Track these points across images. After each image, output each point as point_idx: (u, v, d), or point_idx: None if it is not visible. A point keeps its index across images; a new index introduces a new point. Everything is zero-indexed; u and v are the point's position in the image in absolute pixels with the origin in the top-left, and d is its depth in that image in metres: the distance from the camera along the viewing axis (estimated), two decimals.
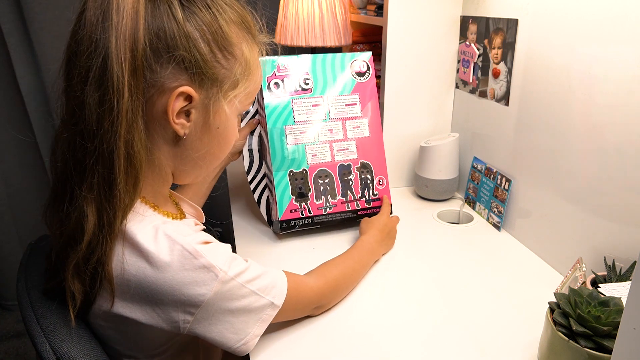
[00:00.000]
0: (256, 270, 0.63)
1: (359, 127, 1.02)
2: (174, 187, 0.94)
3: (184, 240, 0.56)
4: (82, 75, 0.53)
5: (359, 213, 1.02)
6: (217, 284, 0.56)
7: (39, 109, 1.66)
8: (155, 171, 0.62)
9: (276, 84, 0.97)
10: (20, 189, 1.80)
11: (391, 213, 1.03)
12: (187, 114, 0.59)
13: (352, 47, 1.42)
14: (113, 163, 0.53)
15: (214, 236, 0.64)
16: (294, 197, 0.98)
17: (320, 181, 0.99)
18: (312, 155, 0.99)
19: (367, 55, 1.03)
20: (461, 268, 0.90)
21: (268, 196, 1.02)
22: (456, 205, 1.16)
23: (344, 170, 1.01)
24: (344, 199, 1.01)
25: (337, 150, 1.01)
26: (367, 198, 1.03)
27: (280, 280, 0.66)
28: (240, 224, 1.07)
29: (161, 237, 0.56)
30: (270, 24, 0.69)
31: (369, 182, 1.03)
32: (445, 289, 0.83)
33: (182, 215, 0.69)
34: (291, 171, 0.98)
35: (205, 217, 0.80)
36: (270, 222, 1.04)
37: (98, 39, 0.52)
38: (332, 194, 1.00)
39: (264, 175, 1.03)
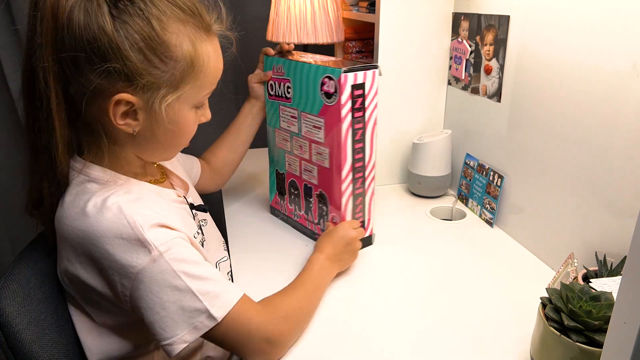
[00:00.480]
0: (207, 272, 0.62)
1: (321, 154, 0.88)
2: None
3: (130, 211, 0.59)
4: (24, 76, 0.59)
5: (315, 236, 0.97)
6: (148, 260, 0.58)
7: None
8: (120, 156, 0.66)
9: (271, 85, 0.95)
10: (11, 189, 1.78)
11: (363, 226, 0.93)
12: (134, 114, 0.61)
13: (345, 44, 1.42)
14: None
15: (197, 223, 0.66)
16: (277, 192, 1.03)
17: (292, 190, 1.00)
18: (288, 164, 0.99)
19: (338, 73, 0.79)
20: (454, 264, 0.90)
21: None
22: (449, 201, 1.16)
23: (307, 190, 0.96)
24: (306, 216, 0.99)
25: (304, 170, 0.95)
26: (322, 227, 0.95)
27: (230, 295, 0.62)
28: (236, 219, 1.07)
29: (109, 204, 0.60)
30: (236, 9, 0.68)
31: (324, 213, 0.94)
32: (438, 285, 0.84)
33: (163, 178, 0.77)
34: (277, 170, 1.02)
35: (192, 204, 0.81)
36: None
37: (31, 46, 0.56)
38: (299, 207, 1.00)
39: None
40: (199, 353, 0.79)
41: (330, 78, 0.81)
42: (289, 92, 0.91)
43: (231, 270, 0.89)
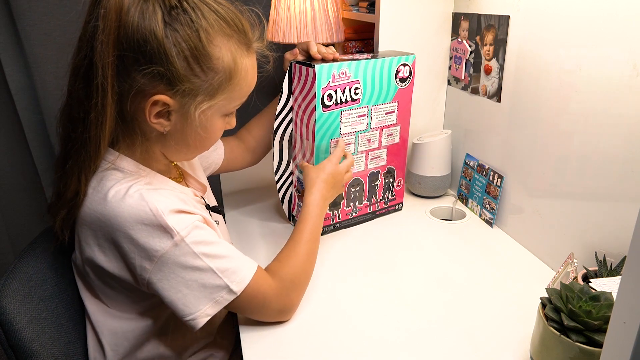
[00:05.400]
0: (223, 250, 0.66)
1: (392, 134, 1.02)
2: None
3: (151, 199, 0.61)
4: (75, 71, 0.61)
5: (377, 213, 1.09)
6: (170, 244, 0.61)
7: (29, 107, 1.64)
8: (149, 151, 0.69)
9: (329, 95, 0.89)
10: (11, 188, 1.78)
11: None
12: (168, 114, 0.64)
13: (345, 44, 1.42)
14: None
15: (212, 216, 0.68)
16: (328, 207, 0.98)
17: (352, 190, 1.02)
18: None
19: (412, 59, 0.97)
20: (454, 264, 0.90)
21: (292, 192, 1.03)
22: (449, 202, 1.16)
23: (373, 177, 1.04)
24: (368, 202, 1.06)
25: (371, 159, 1.02)
26: (386, 199, 1.09)
27: (247, 270, 0.67)
28: (235, 217, 1.07)
29: (131, 192, 0.62)
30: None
31: (390, 185, 1.08)
32: (438, 286, 0.84)
33: (180, 179, 0.79)
34: None
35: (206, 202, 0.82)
36: (290, 217, 1.06)
37: (90, 40, 0.58)
38: (360, 199, 1.04)
39: (291, 173, 1.03)
40: (203, 352, 0.79)
41: (405, 65, 0.96)
42: (356, 93, 0.93)
43: None
